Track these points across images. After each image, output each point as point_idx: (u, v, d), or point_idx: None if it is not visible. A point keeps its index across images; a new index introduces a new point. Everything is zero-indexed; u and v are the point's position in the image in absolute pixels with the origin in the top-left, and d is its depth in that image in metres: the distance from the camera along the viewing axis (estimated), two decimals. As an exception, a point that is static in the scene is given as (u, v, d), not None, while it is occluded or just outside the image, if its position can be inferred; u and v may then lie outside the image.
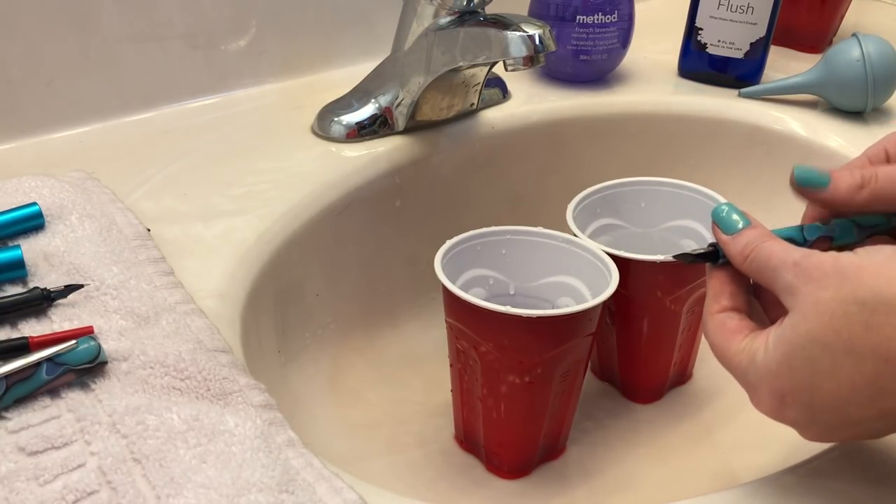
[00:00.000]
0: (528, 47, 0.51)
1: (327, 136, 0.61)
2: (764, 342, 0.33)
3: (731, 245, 0.37)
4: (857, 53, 0.66)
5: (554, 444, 0.53)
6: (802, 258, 0.33)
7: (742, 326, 0.36)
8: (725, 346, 0.35)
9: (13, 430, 0.34)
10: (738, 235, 0.36)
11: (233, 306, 0.45)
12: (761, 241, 0.35)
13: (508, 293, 0.54)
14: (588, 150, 0.70)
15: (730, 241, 0.37)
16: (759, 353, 0.33)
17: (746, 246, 0.36)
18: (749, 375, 0.34)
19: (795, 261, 0.33)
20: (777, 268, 0.33)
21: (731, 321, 0.36)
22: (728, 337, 0.35)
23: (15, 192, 0.47)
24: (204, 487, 0.32)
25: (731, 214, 0.37)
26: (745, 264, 0.36)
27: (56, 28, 0.56)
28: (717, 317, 0.37)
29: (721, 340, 0.36)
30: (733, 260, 0.36)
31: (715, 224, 0.37)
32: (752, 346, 0.34)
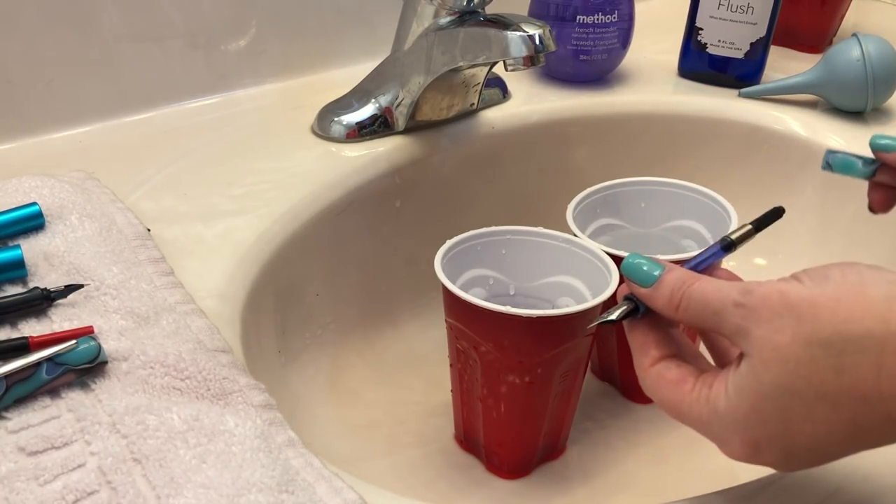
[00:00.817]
0: (529, 47, 0.51)
1: (327, 136, 0.61)
2: (723, 390, 0.31)
3: (655, 297, 0.34)
4: (857, 53, 0.66)
5: (554, 444, 0.53)
6: (743, 296, 0.30)
7: (684, 374, 0.33)
8: (675, 399, 0.33)
9: (13, 430, 0.34)
10: (658, 285, 0.34)
11: (233, 306, 0.45)
12: (689, 286, 0.33)
13: (508, 293, 0.54)
14: (588, 150, 0.70)
15: (652, 293, 0.34)
16: (720, 401, 0.31)
17: (673, 294, 0.33)
18: (714, 427, 0.32)
19: (737, 301, 0.30)
20: (719, 311, 0.31)
21: (670, 371, 0.34)
22: (674, 389, 0.33)
23: (15, 192, 0.47)
24: (204, 487, 0.32)
25: (642, 265, 0.34)
26: (679, 313, 0.33)
27: (56, 28, 0.56)
28: (653, 370, 0.34)
29: (667, 394, 0.33)
30: (662, 311, 0.34)
31: (629, 279, 0.35)
32: (708, 395, 0.32)
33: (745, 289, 0.31)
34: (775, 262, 0.68)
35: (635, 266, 0.35)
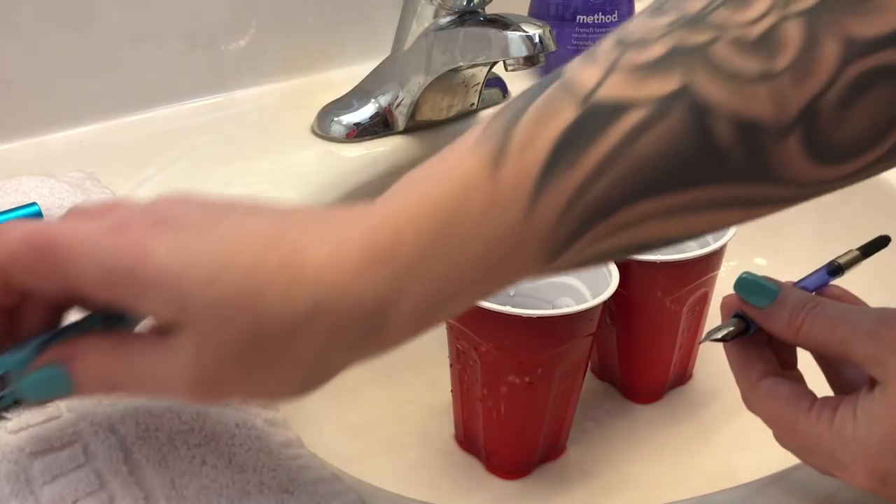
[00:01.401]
0: (528, 47, 0.51)
1: (327, 136, 0.61)
2: (850, 414, 0.30)
3: (772, 318, 0.32)
4: (857, 53, 0.65)
5: (554, 445, 0.53)
6: (878, 326, 0.29)
7: (800, 392, 0.32)
8: (791, 416, 0.31)
9: (13, 431, 0.34)
10: (777, 306, 0.32)
11: (233, 306, 0.45)
12: (811, 308, 0.31)
13: (508, 293, 0.54)
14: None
15: (769, 313, 0.33)
16: (847, 426, 0.30)
17: (793, 317, 0.32)
18: (836, 451, 0.30)
19: (870, 329, 0.29)
20: (848, 339, 0.30)
21: (783, 387, 0.32)
22: (791, 406, 0.32)
23: (15, 192, 0.47)
24: (204, 488, 0.32)
25: (757, 283, 0.33)
26: (799, 337, 0.32)
27: (56, 28, 0.56)
28: (763, 384, 0.33)
29: (782, 411, 0.32)
30: (780, 334, 0.33)
31: (743, 297, 0.33)
32: (832, 417, 0.30)
33: (878, 317, 0.30)
34: (776, 261, 0.68)
35: (752, 283, 0.33)
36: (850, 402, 0.30)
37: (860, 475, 0.30)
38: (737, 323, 0.34)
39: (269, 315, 0.26)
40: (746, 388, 0.34)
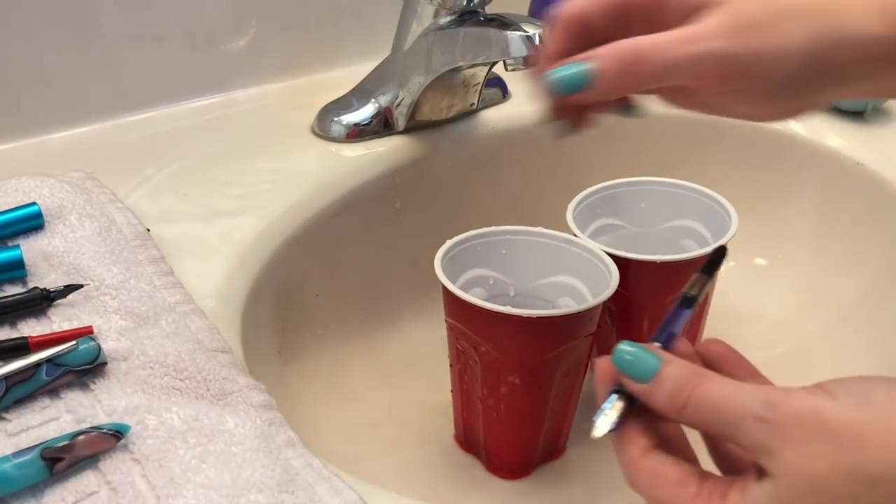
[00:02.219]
0: (529, 47, 0.51)
1: (327, 135, 0.61)
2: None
3: (653, 396, 0.30)
4: (857, 53, 0.65)
5: (554, 445, 0.53)
6: (767, 410, 0.27)
7: (685, 475, 0.29)
8: (679, 503, 0.29)
9: (13, 433, 0.34)
10: (658, 382, 0.30)
11: (233, 306, 0.45)
12: (695, 387, 0.29)
13: (508, 293, 0.54)
14: (588, 150, 0.70)
15: (650, 390, 0.30)
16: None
17: (676, 395, 0.29)
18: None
19: (759, 415, 0.27)
20: (735, 423, 0.28)
21: (668, 468, 0.30)
22: (676, 492, 0.29)
23: (14, 192, 0.47)
24: (204, 487, 0.32)
25: (635, 358, 0.30)
26: (683, 416, 0.29)
27: (56, 28, 0.56)
28: (646, 463, 0.30)
29: (668, 497, 0.29)
30: (663, 412, 0.30)
31: (621, 373, 0.30)
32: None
33: (768, 401, 0.27)
34: (776, 261, 0.68)
35: (628, 359, 0.30)
36: (739, 490, 0.28)
37: None
38: (620, 402, 0.31)
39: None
40: (628, 466, 0.31)
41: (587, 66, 0.34)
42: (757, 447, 0.27)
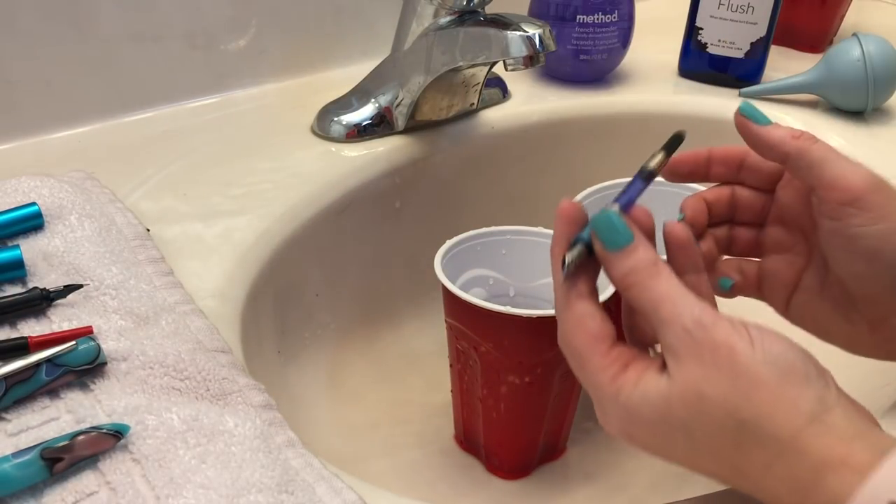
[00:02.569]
0: (528, 47, 0.51)
1: (327, 135, 0.61)
2: (632, 383, 0.31)
3: (613, 265, 0.33)
4: (857, 53, 0.66)
5: (554, 445, 0.53)
6: (695, 327, 0.30)
7: (604, 332, 0.33)
8: (585, 354, 0.33)
9: (13, 433, 0.34)
10: (622, 255, 0.33)
11: (232, 306, 0.45)
12: (649, 277, 0.32)
13: (508, 293, 0.54)
14: (588, 150, 0.70)
15: (612, 259, 0.33)
16: (623, 391, 0.31)
17: (630, 274, 0.32)
18: (604, 402, 0.32)
19: (686, 328, 0.30)
20: (664, 321, 0.31)
21: (593, 321, 0.33)
22: (589, 344, 0.33)
23: (14, 192, 0.47)
24: (203, 488, 0.32)
25: (613, 225, 0.33)
26: (626, 294, 0.32)
27: (55, 28, 0.56)
28: (577, 309, 0.33)
29: (580, 345, 0.33)
30: (613, 282, 0.33)
31: (594, 234, 0.33)
32: (615, 374, 0.32)
33: (699, 320, 0.30)
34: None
35: (607, 225, 0.33)
36: (638, 371, 0.32)
37: (613, 429, 0.33)
38: (580, 249, 0.34)
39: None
40: (560, 300, 0.34)
41: None
42: (671, 349, 0.31)
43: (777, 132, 0.36)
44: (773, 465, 0.29)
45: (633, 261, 0.32)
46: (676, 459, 0.32)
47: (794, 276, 0.39)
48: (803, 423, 0.29)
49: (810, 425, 0.29)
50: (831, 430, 0.29)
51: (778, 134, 0.36)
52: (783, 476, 0.29)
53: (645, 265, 0.32)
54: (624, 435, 0.33)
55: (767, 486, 0.29)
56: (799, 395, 0.29)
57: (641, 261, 0.32)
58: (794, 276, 0.39)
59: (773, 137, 0.36)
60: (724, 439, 0.30)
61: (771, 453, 0.29)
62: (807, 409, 0.29)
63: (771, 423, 0.29)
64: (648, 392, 0.31)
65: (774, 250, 0.40)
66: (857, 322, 0.37)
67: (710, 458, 0.30)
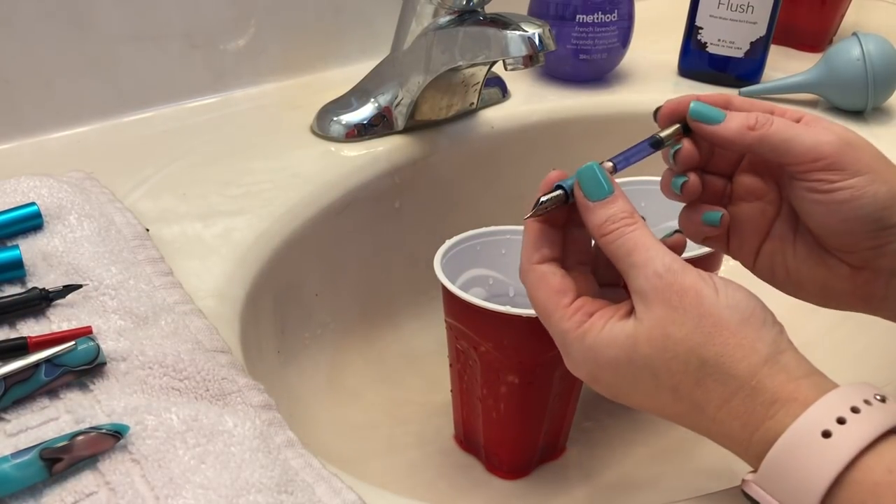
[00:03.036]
0: (528, 47, 0.51)
1: (326, 135, 0.61)
2: (598, 328, 0.34)
3: (592, 214, 0.35)
4: (857, 53, 0.66)
5: (554, 444, 0.53)
6: (666, 272, 0.32)
7: (566, 287, 0.35)
8: (552, 307, 0.35)
9: (12, 434, 0.34)
10: (602, 205, 0.35)
11: (232, 306, 0.45)
12: (625, 226, 0.34)
13: (508, 293, 0.54)
14: (588, 150, 0.70)
15: (593, 208, 0.35)
16: (590, 335, 0.34)
17: (608, 221, 0.34)
18: (571, 347, 0.34)
19: (657, 272, 0.32)
20: (636, 265, 0.33)
21: (555, 278, 0.36)
22: (552, 297, 0.35)
23: (13, 192, 0.47)
24: (203, 488, 0.32)
25: (598, 180, 0.35)
26: (602, 240, 0.35)
27: (54, 27, 0.56)
28: (538, 269, 0.36)
29: (544, 298, 0.35)
30: (590, 230, 0.35)
31: (578, 183, 0.36)
32: (581, 321, 0.34)
33: (670, 266, 0.33)
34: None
35: (590, 176, 0.35)
36: (604, 316, 0.34)
37: (581, 371, 0.35)
38: (559, 192, 0.36)
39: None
40: (525, 266, 0.37)
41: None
42: (641, 292, 0.33)
43: (731, 128, 0.37)
44: (731, 400, 0.31)
45: (612, 209, 0.35)
46: (637, 400, 0.34)
47: (765, 225, 0.40)
48: (760, 362, 0.31)
49: (766, 365, 0.31)
50: (784, 369, 0.31)
51: (733, 130, 0.37)
52: (739, 411, 0.31)
53: (623, 215, 0.34)
54: (590, 377, 0.35)
55: (721, 421, 0.32)
56: (757, 337, 0.31)
57: (620, 210, 0.35)
58: (766, 225, 0.40)
59: (729, 134, 0.37)
60: (685, 376, 0.32)
61: (729, 390, 0.31)
62: (763, 351, 0.31)
63: (731, 361, 0.31)
64: (615, 334, 0.33)
65: (745, 198, 0.40)
66: (834, 266, 0.38)
67: (670, 395, 0.32)
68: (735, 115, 0.37)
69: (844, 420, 0.29)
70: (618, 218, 0.34)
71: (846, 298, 0.38)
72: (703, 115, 0.38)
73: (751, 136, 0.36)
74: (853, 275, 0.37)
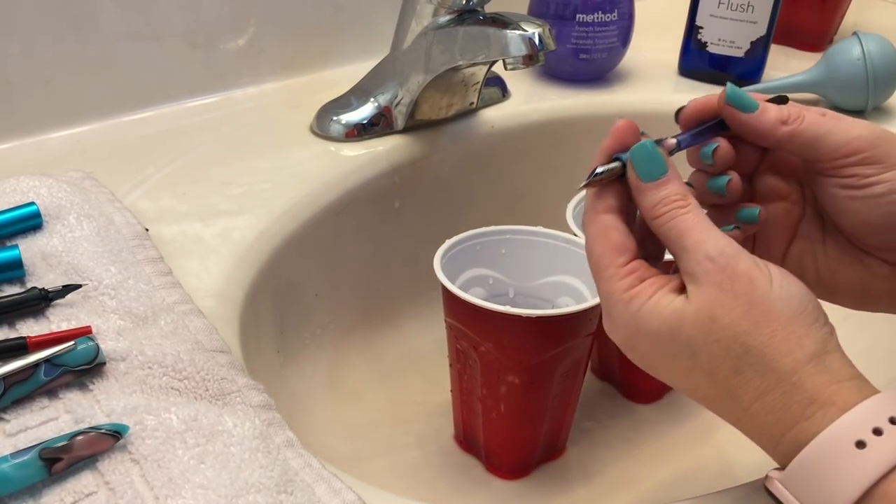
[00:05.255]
0: (528, 46, 0.51)
1: (326, 135, 0.61)
2: (646, 297, 0.33)
3: (644, 195, 0.34)
4: (857, 52, 0.65)
5: (554, 445, 0.53)
6: (719, 255, 0.31)
7: (626, 246, 0.34)
8: (606, 263, 0.34)
9: (11, 434, 0.34)
10: (655, 186, 0.34)
11: (231, 306, 0.45)
12: (678, 208, 0.33)
13: (508, 293, 0.54)
14: (588, 150, 0.69)
15: (645, 189, 0.34)
16: (635, 302, 0.33)
17: (660, 204, 0.33)
18: (614, 310, 0.33)
19: (710, 256, 0.32)
20: (688, 248, 0.32)
21: (617, 233, 0.34)
22: (610, 253, 0.34)
23: (13, 191, 0.47)
24: (202, 488, 0.32)
25: (651, 156, 0.34)
26: (654, 222, 0.34)
27: (54, 27, 0.56)
28: (602, 219, 0.35)
29: (600, 252, 0.34)
30: (641, 210, 0.34)
31: (631, 163, 0.35)
32: (630, 284, 0.33)
33: (723, 251, 0.32)
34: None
35: (647, 154, 0.34)
36: (654, 285, 0.33)
37: (618, 337, 0.34)
38: (617, 165, 0.35)
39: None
40: (588, 214, 0.35)
41: None
42: (693, 275, 0.32)
43: (765, 121, 0.35)
44: (767, 394, 0.30)
45: (665, 191, 0.33)
46: (671, 376, 0.33)
47: (791, 225, 0.39)
48: (804, 360, 0.30)
49: (810, 363, 0.30)
50: (827, 370, 0.30)
51: (767, 122, 0.35)
52: (774, 407, 0.30)
53: (676, 197, 0.33)
54: (626, 344, 0.34)
55: (754, 414, 0.31)
56: (806, 334, 0.30)
57: (673, 192, 0.33)
58: (792, 225, 0.39)
59: (762, 127, 0.36)
60: (725, 362, 0.31)
61: (768, 383, 0.30)
62: (810, 348, 0.30)
63: (775, 354, 0.30)
64: (661, 307, 0.32)
65: (768, 199, 0.39)
66: (873, 266, 0.37)
67: (706, 379, 0.31)
68: (770, 107, 0.36)
69: (881, 431, 0.28)
70: (670, 200, 0.33)
71: (886, 299, 0.37)
72: (740, 100, 0.36)
73: (783, 130, 0.35)
74: (892, 273, 0.36)
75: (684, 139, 0.37)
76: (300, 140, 0.61)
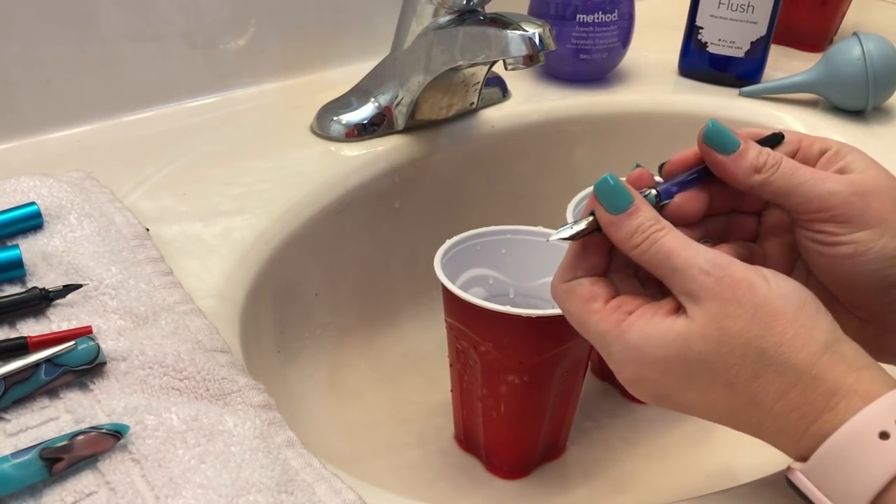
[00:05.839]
0: (528, 46, 0.51)
1: (327, 135, 0.61)
2: (641, 326, 0.32)
3: (618, 228, 0.33)
4: (857, 52, 0.65)
5: (554, 444, 0.53)
6: (713, 267, 0.31)
7: (594, 293, 0.34)
8: (583, 315, 0.34)
9: (12, 433, 0.34)
10: (626, 217, 0.33)
11: (232, 306, 0.45)
12: (656, 231, 0.33)
13: (508, 293, 0.54)
14: (588, 150, 0.70)
15: (617, 222, 0.33)
16: (632, 331, 0.32)
17: (637, 233, 0.33)
18: (612, 347, 0.33)
19: (705, 269, 0.31)
20: (680, 268, 0.32)
21: (581, 287, 0.34)
22: (581, 306, 0.34)
23: (13, 191, 0.47)
24: (203, 488, 0.32)
25: (614, 189, 0.34)
26: (634, 252, 0.33)
27: (54, 27, 0.56)
28: (564, 286, 0.35)
29: (574, 309, 0.34)
30: (619, 245, 0.34)
31: (597, 198, 0.34)
32: (620, 320, 0.33)
33: (714, 260, 0.31)
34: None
35: (609, 187, 0.34)
36: (647, 314, 0.32)
37: (626, 375, 0.33)
38: (590, 221, 0.34)
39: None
40: (554, 283, 0.36)
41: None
42: (690, 293, 0.31)
43: (739, 166, 0.35)
44: (789, 392, 0.30)
45: (637, 220, 0.33)
46: (688, 399, 0.32)
47: (792, 261, 0.38)
48: (819, 351, 0.30)
49: (825, 353, 0.30)
50: (843, 359, 0.30)
51: (740, 169, 0.35)
52: (797, 403, 0.30)
53: (650, 223, 0.33)
54: (634, 378, 0.33)
55: (778, 414, 0.30)
56: (814, 325, 0.31)
57: (646, 219, 0.33)
58: (792, 260, 0.38)
59: (735, 172, 0.35)
60: (742, 369, 0.30)
61: (788, 380, 0.30)
62: (821, 338, 0.30)
63: (790, 351, 0.30)
64: (662, 332, 0.32)
65: (773, 233, 0.39)
66: (843, 317, 0.36)
67: (725, 391, 0.31)
68: (749, 151, 0.35)
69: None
70: (646, 227, 0.33)
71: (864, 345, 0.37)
72: (718, 139, 0.35)
73: (755, 178, 0.35)
74: (862, 327, 0.36)
75: (665, 189, 0.36)
76: (300, 140, 0.61)
